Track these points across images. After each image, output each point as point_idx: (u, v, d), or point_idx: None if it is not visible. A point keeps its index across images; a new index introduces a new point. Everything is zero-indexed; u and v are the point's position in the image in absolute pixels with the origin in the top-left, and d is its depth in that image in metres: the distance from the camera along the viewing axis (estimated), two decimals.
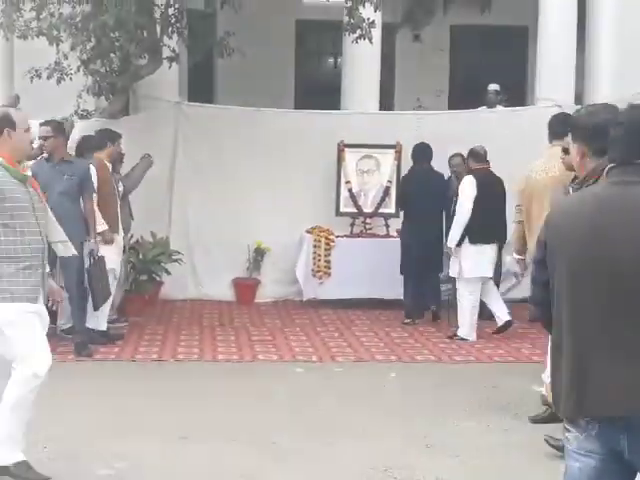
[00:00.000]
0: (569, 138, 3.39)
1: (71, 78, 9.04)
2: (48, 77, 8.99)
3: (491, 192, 8.03)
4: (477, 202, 7.93)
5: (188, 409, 5.82)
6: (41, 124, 7.56)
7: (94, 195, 7.60)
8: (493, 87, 11.39)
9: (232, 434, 5.19)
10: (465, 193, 8.03)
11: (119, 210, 8.04)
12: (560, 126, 5.63)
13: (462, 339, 8.14)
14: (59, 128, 7.61)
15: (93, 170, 7.69)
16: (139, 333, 8.26)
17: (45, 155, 7.48)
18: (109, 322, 8.14)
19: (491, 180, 8.25)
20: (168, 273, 9.64)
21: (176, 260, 9.55)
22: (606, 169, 2.70)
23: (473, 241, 7.96)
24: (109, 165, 8.00)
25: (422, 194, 8.72)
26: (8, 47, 10.62)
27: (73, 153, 8.11)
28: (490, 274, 8.20)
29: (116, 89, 9.38)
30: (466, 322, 8.15)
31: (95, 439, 5.17)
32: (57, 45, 8.60)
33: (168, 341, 8.02)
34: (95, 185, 7.63)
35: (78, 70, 9.00)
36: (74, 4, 8.70)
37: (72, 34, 8.48)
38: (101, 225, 7.67)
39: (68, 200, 7.34)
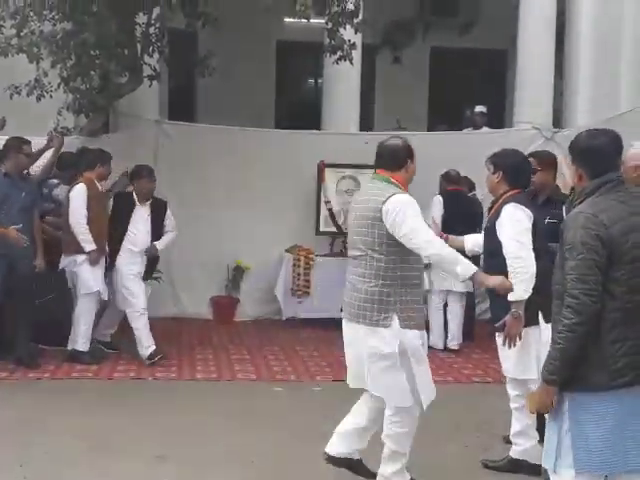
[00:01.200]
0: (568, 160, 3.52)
1: (51, 95, 9.01)
2: (28, 94, 8.94)
3: (460, 211, 8.36)
4: (446, 220, 8.29)
5: (166, 428, 5.78)
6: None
7: (85, 214, 7.54)
8: (479, 109, 11.45)
9: (211, 453, 5.15)
10: (433, 211, 8.49)
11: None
12: None
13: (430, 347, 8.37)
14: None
15: (82, 188, 7.60)
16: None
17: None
18: (104, 343, 8.09)
19: (461, 200, 8.68)
20: None
21: (155, 278, 9.51)
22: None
23: None
24: (99, 185, 7.86)
25: None
26: None
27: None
28: (458, 288, 8.55)
29: (96, 107, 9.33)
30: (435, 330, 8.57)
31: (73, 458, 5.12)
32: (37, 62, 8.56)
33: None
34: (85, 204, 7.55)
35: (58, 87, 8.97)
36: (55, 22, 8.69)
37: (52, 52, 8.45)
38: (89, 244, 7.57)
39: (28, 216, 7.34)
